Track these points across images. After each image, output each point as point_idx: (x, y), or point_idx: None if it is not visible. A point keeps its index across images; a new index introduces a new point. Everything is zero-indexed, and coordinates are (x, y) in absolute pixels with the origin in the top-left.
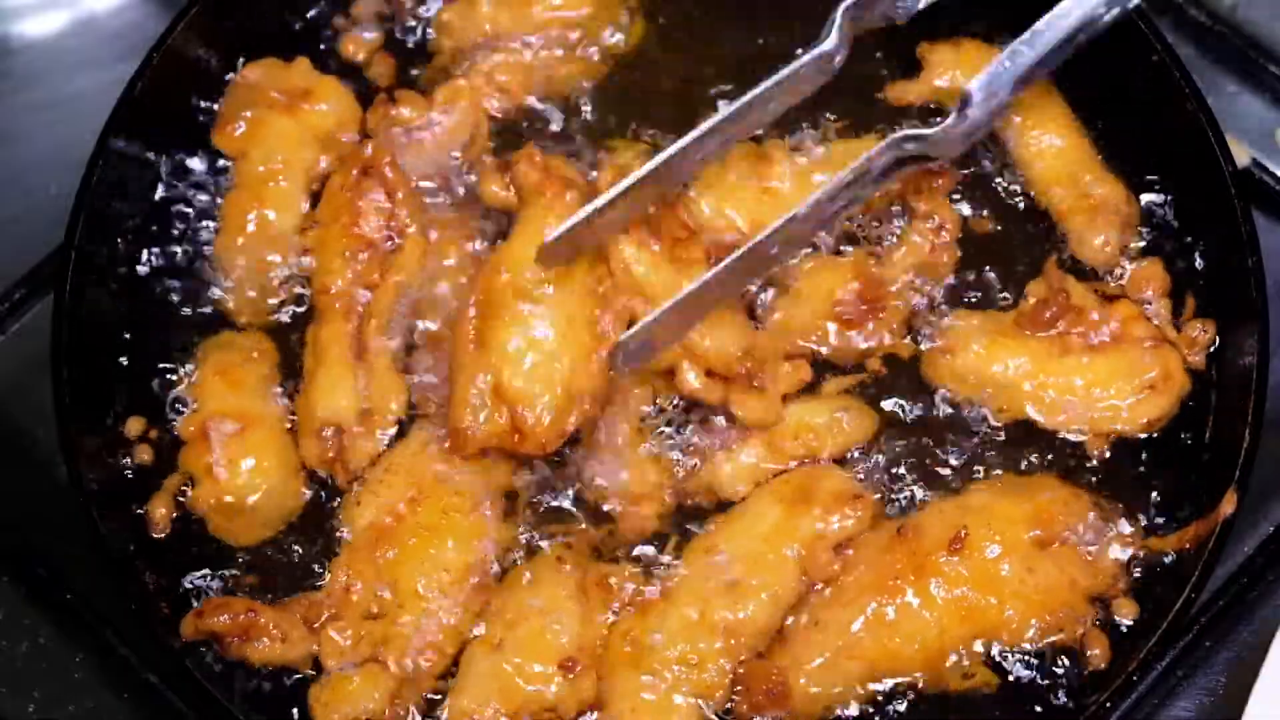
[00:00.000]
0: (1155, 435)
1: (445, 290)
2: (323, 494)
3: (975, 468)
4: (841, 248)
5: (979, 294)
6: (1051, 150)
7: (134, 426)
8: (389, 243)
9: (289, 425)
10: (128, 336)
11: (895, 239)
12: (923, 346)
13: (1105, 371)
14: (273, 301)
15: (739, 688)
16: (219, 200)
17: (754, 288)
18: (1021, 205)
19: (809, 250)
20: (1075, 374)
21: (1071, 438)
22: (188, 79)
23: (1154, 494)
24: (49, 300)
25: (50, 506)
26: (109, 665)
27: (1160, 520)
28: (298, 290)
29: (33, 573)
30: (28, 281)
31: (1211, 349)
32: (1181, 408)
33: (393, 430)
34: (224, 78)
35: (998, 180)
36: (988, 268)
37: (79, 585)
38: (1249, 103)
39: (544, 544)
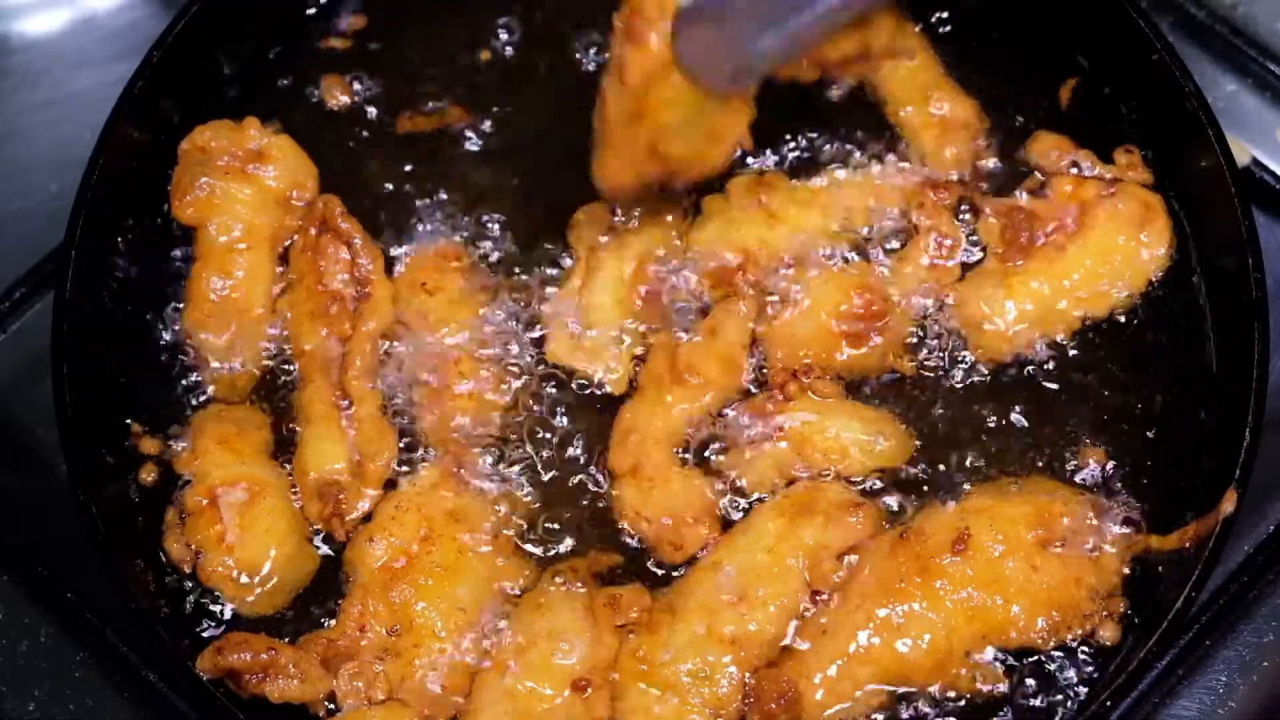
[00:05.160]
0: (1156, 433)
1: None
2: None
3: (974, 472)
4: (846, 261)
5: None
6: (902, 70)
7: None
8: (357, 291)
9: (294, 491)
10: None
11: (898, 254)
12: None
13: (1100, 241)
14: (255, 371)
15: (751, 699)
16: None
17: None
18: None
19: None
20: (1083, 259)
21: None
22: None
23: (1154, 494)
24: (49, 300)
25: (50, 506)
26: (109, 665)
27: (1160, 520)
28: (283, 359)
29: (33, 573)
30: (28, 281)
31: (1146, 158)
32: (1183, 406)
33: (385, 478)
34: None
35: None
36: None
37: (79, 585)
38: (1249, 102)
39: (556, 574)
